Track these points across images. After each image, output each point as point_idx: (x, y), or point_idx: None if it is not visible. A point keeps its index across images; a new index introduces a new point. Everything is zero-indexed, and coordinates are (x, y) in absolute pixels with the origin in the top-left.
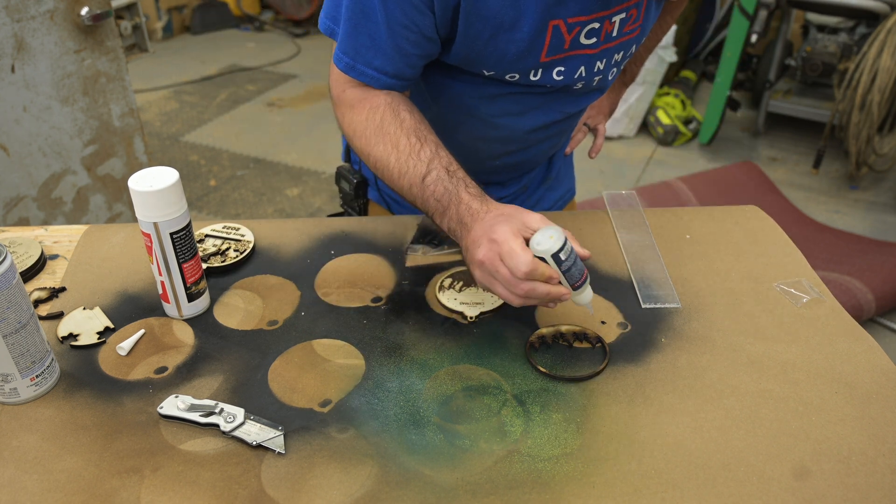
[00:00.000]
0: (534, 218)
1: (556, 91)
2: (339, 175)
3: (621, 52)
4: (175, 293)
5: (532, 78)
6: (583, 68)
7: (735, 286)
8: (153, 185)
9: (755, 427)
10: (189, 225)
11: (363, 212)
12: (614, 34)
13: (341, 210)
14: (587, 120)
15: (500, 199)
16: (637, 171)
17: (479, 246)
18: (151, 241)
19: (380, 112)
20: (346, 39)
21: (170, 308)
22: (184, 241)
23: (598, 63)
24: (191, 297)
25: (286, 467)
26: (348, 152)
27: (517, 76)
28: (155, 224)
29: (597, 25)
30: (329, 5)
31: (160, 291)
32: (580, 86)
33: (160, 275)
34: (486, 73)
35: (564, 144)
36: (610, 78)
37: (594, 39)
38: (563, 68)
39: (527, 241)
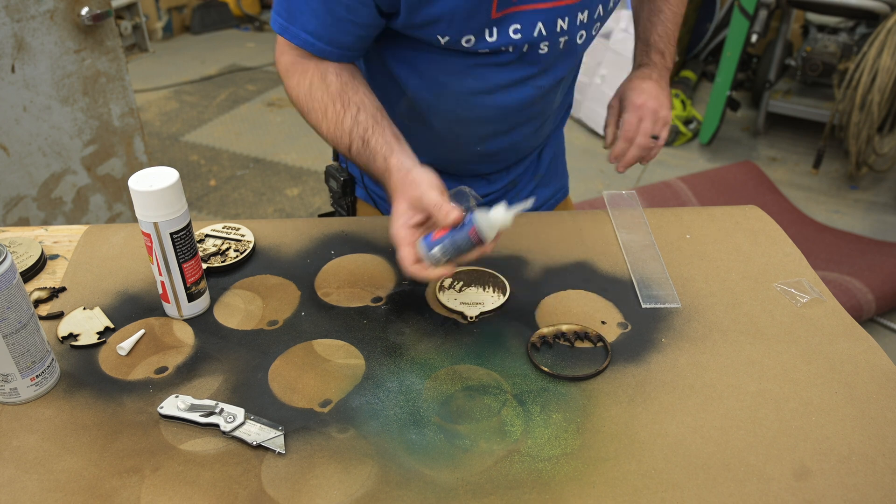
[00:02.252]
0: (427, 198)
1: (522, 61)
2: (328, 174)
3: (586, 12)
4: (175, 293)
5: (489, 39)
6: (541, 25)
7: (735, 286)
8: (153, 184)
9: (755, 427)
10: (189, 225)
11: (351, 210)
12: None
13: (332, 210)
14: (646, 121)
15: (487, 196)
16: (637, 171)
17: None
18: (151, 241)
19: (308, 77)
20: (281, 0)
21: (170, 308)
22: (184, 241)
23: (560, 21)
24: (191, 297)
25: (286, 467)
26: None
27: (472, 39)
28: (155, 224)
29: None
30: None
31: (160, 291)
32: (545, 48)
33: (160, 275)
34: (442, 41)
35: (554, 138)
36: (580, 41)
37: None
38: (518, 25)
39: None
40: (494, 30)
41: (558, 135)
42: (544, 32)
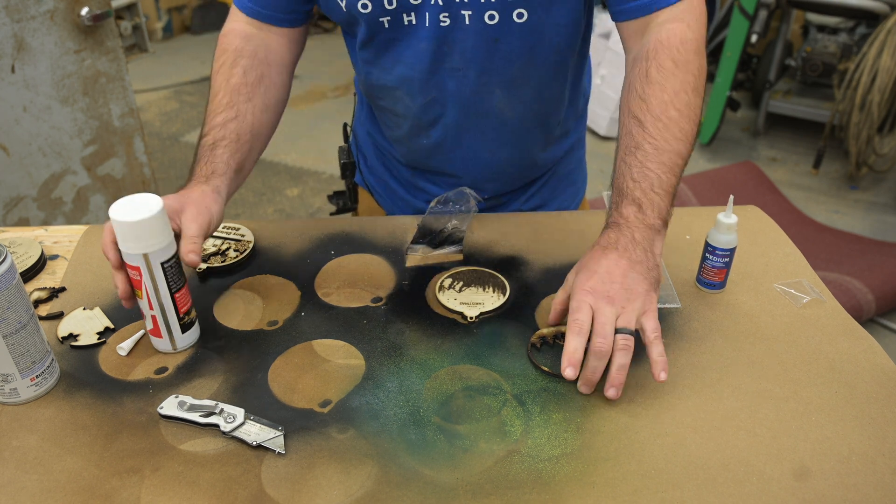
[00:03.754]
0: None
1: (432, 38)
2: (339, 153)
3: None
4: (168, 326)
5: (388, 6)
6: None
7: (735, 286)
8: (139, 214)
9: (755, 427)
10: (177, 251)
11: (353, 193)
12: None
13: (341, 205)
14: (620, 324)
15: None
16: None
17: None
18: (141, 274)
19: (223, 58)
20: None
21: (162, 343)
22: (174, 270)
23: None
24: (184, 328)
25: (286, 467)
26: (344, 131)
27: (370, 5)
28: (145, 255)
29: None
30: None
31: (150, 327)
32: (445, 20)
33: (151, 309)
34: (342, 4)
35: (551, 176)
36: (490, 22)
37: None
38: None
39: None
40: None
41: (558, 172)
42: (441, 2)
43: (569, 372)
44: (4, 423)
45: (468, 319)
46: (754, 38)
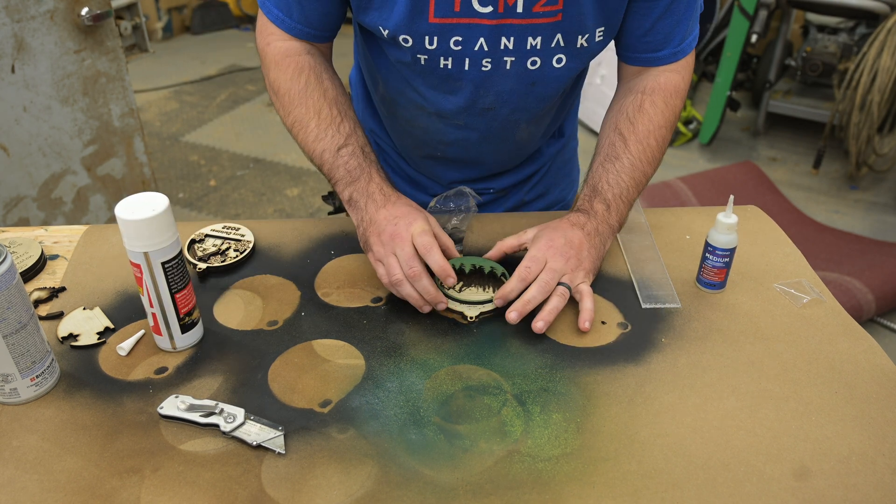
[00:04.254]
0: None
1: (479, 83)
2: None
3: (538, 38)
4: (168, 325)
5: (428, 46)
6: (482, 41)
7: (735, 286)
8: (142, 212)
9: (755, 427)
10: (180, 253)
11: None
12: (519, 9)
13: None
14: (565, 279)
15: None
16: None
17: (394, 224)
18: (142, 272)
19: (304, 75)
20: None
21: (162, 341)
22: (176, 270)
23: (505, 40)
24: (185, 328)
25: (286, 467)
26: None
27: (410, 40)
28: (146, 254)
29: None
30: None
31: (151, 324)
32: (488, 66)
33: (151, 306)
34: (384, 32)
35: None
36: (532, 67)
37: (490, 8)
38: (459, 38)
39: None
40: (435, 39)
41: (558, 161)
42: (486, 48)
43: (497, 302)
44: (4, 423)
45: (468, 319)
46: (754, 38)
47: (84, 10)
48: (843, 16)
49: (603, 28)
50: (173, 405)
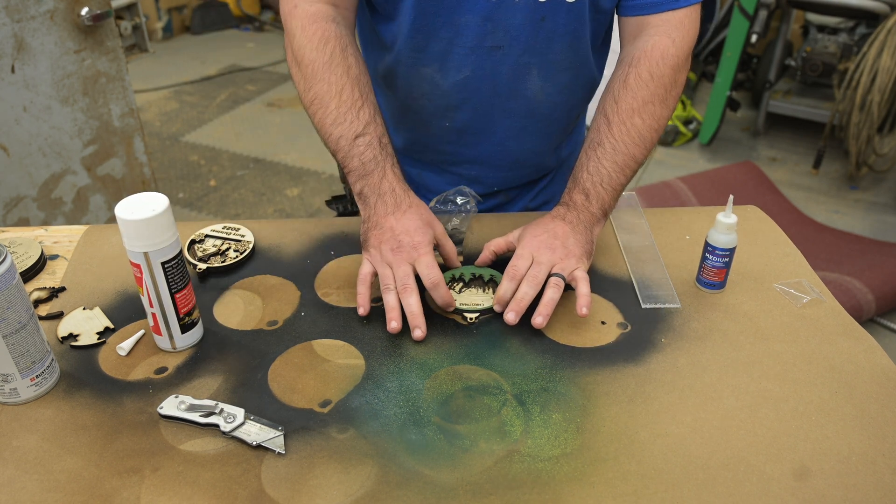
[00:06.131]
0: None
1: (487, 15)
2: None
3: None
4: (168, 325)
5: None
6: None
7: (735, 286)
8: (142, 212)
9: (755, 427)
10: (180, 253)
11: (353, 198)
12: None
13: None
14: (556, 270)
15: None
16: (637, 171)
17: (398, 242)
18: (142, 272)
19: (330, 46)
20: None
21: (162, 340)
22: (176, 270)
23: None
24: (184, 329)
25: (286, 467)
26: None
27: None
28: (145, 254)
29: None
30: None
31: (151, 323)
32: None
33: (151, 306)
34: None
35: (559, 167)
36: (542, 21)
37: None
38: None
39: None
40: None
41: (551, 138)
42: None
43: (496, 307)
44: (4, 423)
45: (468, 320)
46: (754, 38)
47: (84, 10)
48: (843, 16)
49: None
50: (173, 405)
